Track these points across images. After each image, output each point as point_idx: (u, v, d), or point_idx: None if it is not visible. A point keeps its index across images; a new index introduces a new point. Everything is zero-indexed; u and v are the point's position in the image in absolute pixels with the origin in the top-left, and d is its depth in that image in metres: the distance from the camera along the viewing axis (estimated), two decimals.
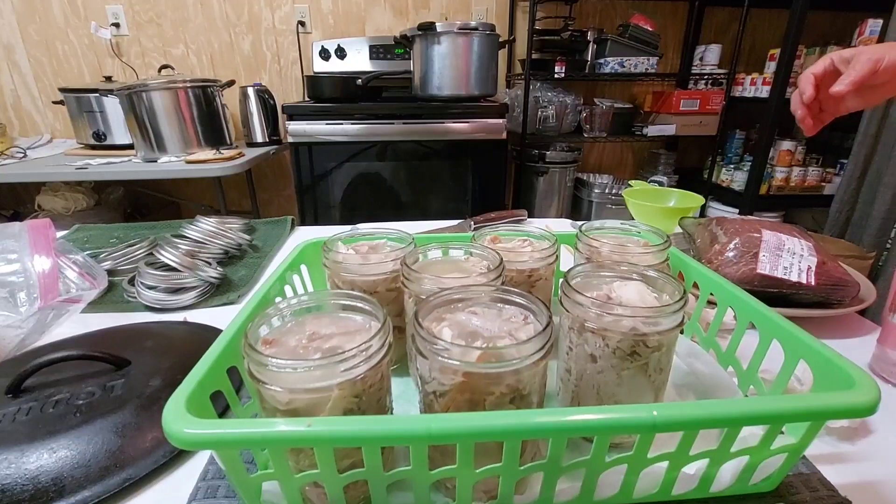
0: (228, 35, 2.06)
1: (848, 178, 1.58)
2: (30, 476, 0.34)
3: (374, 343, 0.29)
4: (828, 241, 1.20)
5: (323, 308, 0.36)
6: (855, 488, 0.33)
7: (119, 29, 1.99)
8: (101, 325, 0.55)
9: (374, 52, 1.99)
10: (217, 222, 0.78)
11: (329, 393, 0.28)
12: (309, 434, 0.25)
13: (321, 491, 0.30)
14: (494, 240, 0.50)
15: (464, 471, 0.28)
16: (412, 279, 0.39)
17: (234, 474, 0.28)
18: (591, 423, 0.26)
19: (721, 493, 0.32)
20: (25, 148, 1.84)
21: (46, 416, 0.39)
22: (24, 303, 0.50)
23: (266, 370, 0.28)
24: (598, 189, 2.13)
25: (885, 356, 0.46)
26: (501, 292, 0.35)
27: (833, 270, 0.56)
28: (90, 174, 1.55)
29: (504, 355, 0.28)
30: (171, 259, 0.64)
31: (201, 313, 0.61)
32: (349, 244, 0.49)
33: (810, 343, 0.33)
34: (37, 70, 2.03)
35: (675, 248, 0.50)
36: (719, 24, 2.24)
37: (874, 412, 0.26)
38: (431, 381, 0.30)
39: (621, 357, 0.33)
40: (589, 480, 0.30)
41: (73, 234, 0.91)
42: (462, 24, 1.61)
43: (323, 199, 1.77)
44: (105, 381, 0.43)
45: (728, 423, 0.27)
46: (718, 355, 0.44)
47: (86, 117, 1.76)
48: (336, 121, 1.65)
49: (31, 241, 0.55)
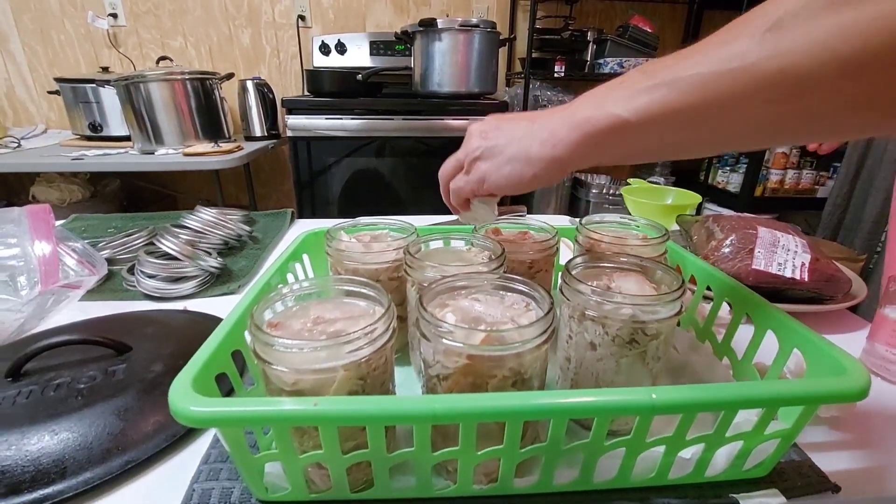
0: (227, 28, 2.05)
1: (840, 182, 1.60)
2: (31, 458, 0.34)
3: (380, 326, 0.29)
4: (820, 243, 1.22)
5: (327, 293, 0.36)
6: (845, 475, 0.34)
7: (116, 19, 1.98)
8: (101, 313, 0.55)
9: (375, 48, 1.99)
10: (217, 213, 0.78)
11: (334, 374, 0.28)
12: (315, 413, 0.25)
13: (324, 472, 0.31)
14: (495, 232, 0.51)
15: (466, 452, 0.28)
16: (415, 267, 0.39)
17: (238, 455, 0.28)
18: (592, 405, 0.27)
19: (715, 478, 0.33)
20: (20, 138, 1.82)
21: (47, 400, 0.39)
22: (24, 287, 0.50)
23: (272, 350, 0.28)
24: (596, 189, 2.14)
25: (875, 351, 0.47)
26: (504, 280, 0.35)
27: (826, 267, 0.57)
28: (86, 165, 1.54)
29: (507, 338, 0.28)
30: (171, 248, 0.64)
31: (201, 303, 0.61)
32: (351, 234, 0.49)
33: (803, 332, 0.33)
34: (31, 59, 2.01)
35: (673, 243, 0.51)
36: (717, 27, 2.22)
37: (865, 396, 0.27)
38: (435, 365, 0.30)
39: (620, 345, 0.34)
40: (588, 464, 0.31)
41: (70, 224, 0.90)
42: (463, 20, 1.61)
43: (321, 195, 1.77)
44: (106, 366, 0.43)
45: (724, 405, 0.28)
46: (714, 347, 0.45)
47: (82, 108, 1.74)
48: (335, 116, 1.65)
49: (30, 225, 0.55)
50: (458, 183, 0.40)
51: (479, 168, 0.37)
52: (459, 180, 0.40)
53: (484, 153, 0.37)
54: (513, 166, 0.35)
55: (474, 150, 0.38)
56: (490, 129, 0.38)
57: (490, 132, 0.37)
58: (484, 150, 0.37)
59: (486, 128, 0.38)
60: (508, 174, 0.35)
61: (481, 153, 0.37)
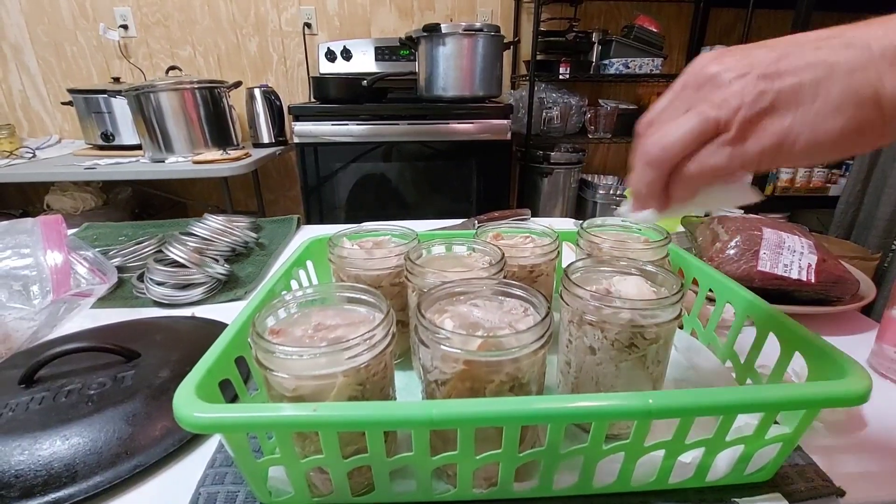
0: (235, 36, 2.08)
1: (853, 180, 1.57)
2: (43, 462, 0.35)
3: (378, 332, 0.30)
4: (832, 242, 1.20)
5: (328, 300, 0.37)
6: (850, 479, 0.33)
7: (127, 31, 2.02)
8: (111, 320, 0.56)
9: (380, 54, 2.01)
10: (224, 220, 0.79)
11: (334, 380, 0.29)
12: (315, 418, 0.26)
13: (326, 476, 0.31)
14: (497, 237, 0.51)
15: (464, 457, 0.29)
16: (416, 273, 0.40)
17: (242, 459, 0.29)
18: (588, 410, 0.27)
19: (717, 483, 0.33)
20: (34, 148, 1.86)
21: (59, 406, 0.40)
22: (36, 296, 0.52)
23: (273, 357, 0.29)
24: (603, 190, 2.13)
25: (883, 352, 0.47)
26: (502, 285, 0.35)
27: (833, 268, 0.56)
28: (98, 174, 1.57)
29: (504, 344, 0.28)
30: (179, 255, 0.65)
31: (208, 309, 0.62)
32: (354, 240, 0.50)
33: (804, 335, 0.33)
34: (45, 71, 2.06)
35: (675, 245, 0.51)
36: (724, 25, 2.24)
37: (865, 401, 0.27)
38: (433, 370, 0.31)
39: (619, 349, 0.34)
40: (587, 468, 0.31)
41: (83, 233, 0.92)
42: (467, 25, 1.62)
43: (328, 200, 1.78)
44: (116, 373, 0.44)
45: (722, 410, 0.28)
46: (717, 350, 0.45)
47: (94, 118, 1.78)
48: (342, 121, 1.66)
49: (43, 235, 0.56)
50: (714, 159, 0.24)
51: (772, 128, 0.23)
52: (716, 155, 0.24)
53: (779, 100, 0.23)
54: (850, 115, 0.22)
55: (756, 99, 0.23)
56: (765, 60, 0.23)
57: (770, 64, 0.23)
58: (777, 96, 0.23)
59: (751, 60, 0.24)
60: (840, 130, 0.22)
61: (772, 101, 0.23)
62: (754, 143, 0.23)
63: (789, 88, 0.22)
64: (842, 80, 0.22)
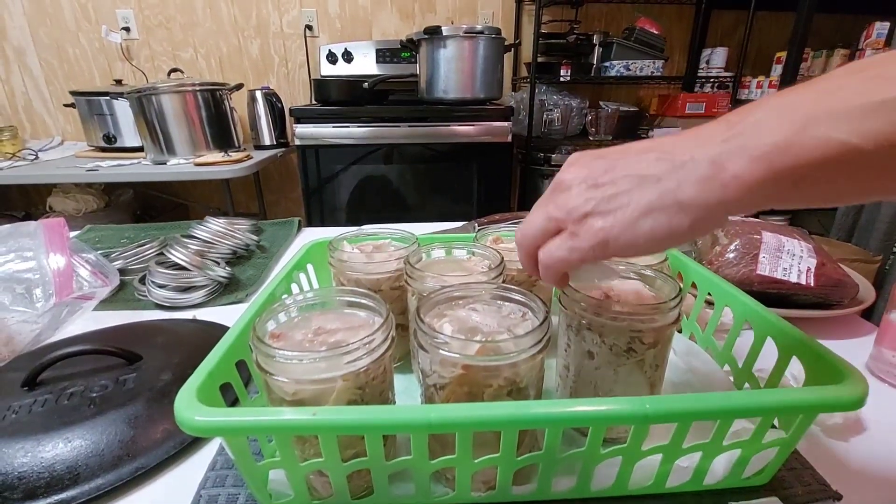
0: (237, 39, 2.08)
1: None
2: (46, 464, 0.35)
3: (377, 337, 0.30)
4: (834, 244, 1.20)
5: (328, 304, 0.37)
6: (847, 484, 0.33)
7: (129, 33, 2.03)
8: (113, 323, 0.57)
9: (381, 56, 2.02)
10: (226, 223, 0.80)
11: (333, 384, 0.29)
12: (314, 422, 0.26)
13: (325, 480, 0.31)
14: (497, 240, 0.51)
15: (463, 461, 0.29)
16: (415, 277, 0.40)
17: (243, 462, 0.29)
18: (586, 414, 0.27)
19: (714, 486, 0.33)
20: (37, 150, 1.87)
21: (61, 408, 0.40)
22: (39, 299, 0.52)
23: (273, 361, 0.29)
24: None
25: (882, 356, 0.47)
26: (501, 290, 0.36)
27: (832, 272, 0.56)
28: (100, 176, 1.58)
29: (502, 349, 0.29)
30: (180, 258, 0.65)
31: (210, 311, 0.62)
32: (354, 244, 0.50)
33: (801, 339, 0.33)
34: (48, 73, 2.07)
35: (675, 250, 0.51)
36: (725, 26, 2.24)
37: (861, 406, 0.27)
38: (432, 375, 0.31)
39: (618, 353, 0.34)
40: (585, 472, 0.31)
41: (85, 235, 0.93)
42: (468, 27, 1.62)
43: (329, 202, 1.79)
44: (118, 375, 0.44)
45: (718, 414, 0.28)
46: (715, 354, 0.45)
47: (96, 120, 1.79)
48: (343, 124, 1.67)
49: (46, 239, 0.57)
50: (558, 252, 0.28)
51: (595, 227, 0.27)
52: (560, 248, 0.28)
53: (598, 206, 0.27)
54: (656, 219, 0.25)
55: (582, 204, 0.27)
56: (597, 171, 0.28)
57: (599, 176, 0.27)
58: (598, 202, 0.27)
59: (588, 171, 0.28)
60: (651, 231, 0.25)
61: (594, 206, 0.27)
62: (584, 239, 0.27)
63: (609, 196, 0.27)
64: (650, 189, 0.25)
